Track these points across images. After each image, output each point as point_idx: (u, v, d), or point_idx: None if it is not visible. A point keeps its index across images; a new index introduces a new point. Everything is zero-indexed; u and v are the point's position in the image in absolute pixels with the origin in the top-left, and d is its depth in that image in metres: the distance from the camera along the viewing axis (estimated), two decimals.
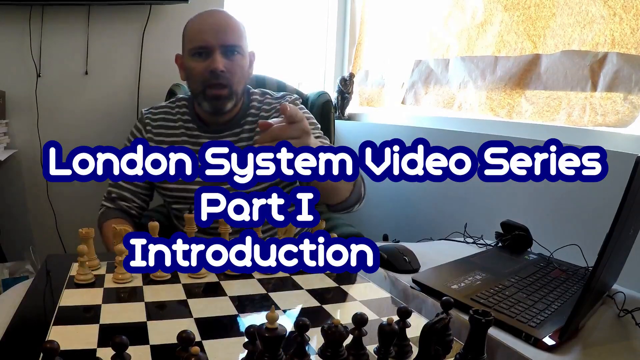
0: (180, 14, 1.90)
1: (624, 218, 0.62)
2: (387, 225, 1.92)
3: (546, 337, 0.64)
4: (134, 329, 0.58)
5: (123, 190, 1.17)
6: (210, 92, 1.10)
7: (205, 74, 1.08)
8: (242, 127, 1.18)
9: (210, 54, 1.08)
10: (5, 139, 1.80)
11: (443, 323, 0.48)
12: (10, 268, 1.73)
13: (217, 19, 1.11)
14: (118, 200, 1.16)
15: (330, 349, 0.47)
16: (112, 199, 1.17)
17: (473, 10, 1.61)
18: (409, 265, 0.93)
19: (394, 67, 2.05)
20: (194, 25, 1.12)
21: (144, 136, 1.18)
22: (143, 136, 1.18)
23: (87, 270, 0.72)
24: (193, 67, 1.11)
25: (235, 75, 1.11)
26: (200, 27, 1.10)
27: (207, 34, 1.08)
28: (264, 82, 1.77)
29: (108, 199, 1.18)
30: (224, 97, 1.11)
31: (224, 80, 1.09)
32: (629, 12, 1.15)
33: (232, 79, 1.10)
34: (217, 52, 1.07)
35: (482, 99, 1.56)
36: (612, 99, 1.20)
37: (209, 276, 0.77)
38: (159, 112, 1.21)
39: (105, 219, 1.13)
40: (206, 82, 1.09)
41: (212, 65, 1.07)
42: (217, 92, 1.09)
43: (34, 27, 1.80)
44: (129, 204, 1.17)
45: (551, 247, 1.02)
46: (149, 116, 1.20)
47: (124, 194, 1.17)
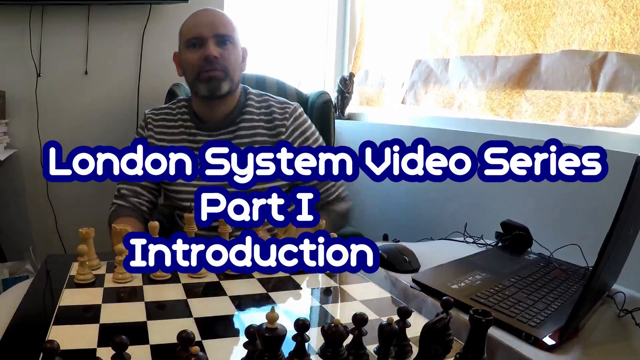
0: (180, 14, 1.89)
1: (624, 218, 0.62)
2: (387, 225, 1.92)
3: (546, 337, 0.64)
4: (134, 328, 0.58)
5: (133, 185, 1.18)
6: (204, 75, 1.12)
7: (200, 62, 1.12)
8: (237, 125, 1.19)
9: (204, 44, 1.12)
10: (5, 139, 1.80)
11: (443, 323, 0.48)
12: (10, 268, 1.73)
13: (209, 13, 1.16)
14: (129, 197, 1.18)
15: (330, 349, 0.47)
16: (123, 195, 1.18)
17: (473, 10, 1.61)
18: (409, 265, 0.93)
19: (394, 67, 2.05)
20: (188, 21, 1.17)
21: (146, 134, 1.22)
22: (145, 134, 1.22)
23: (87, 270, 0.72)
24: (188, 57, 1.14)
25: (229, 61, 1.14)
26: (194, 21, 1.15)
27: (200, 27, 1.12)
28: (264, 82, 1.77)
29: (119, 196, 1.19)
30: (218, 78, 1.13)
31: (218, 65, 1.12)
32: (629, 11, 1.15)
33: (226, 64, 1.13)
34: (210, 41, 1.11)
35: (482, 99, 1.56)
36: (612, 99, 1.19)
37: (209, 276, 0.77)
38: (160, 113, 1.25)
39: (116, 217, 1.14)
40: (201, 68, 1.12)
41: (206, 52, 1.10)
42: (212, 73, 1.12)
43: (34, 27, 1.80)
44: (140, 199, 1.18)
45: (551, 247, 1.02)
46: (151, 116, 1.24)
47: (135, 189, 1.18)
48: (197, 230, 0.88)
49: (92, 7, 1.85)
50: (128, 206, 1.17)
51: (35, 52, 1.83)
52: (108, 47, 1.92)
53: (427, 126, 1.81)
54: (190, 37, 1.13)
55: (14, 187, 1.92)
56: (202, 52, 1.11)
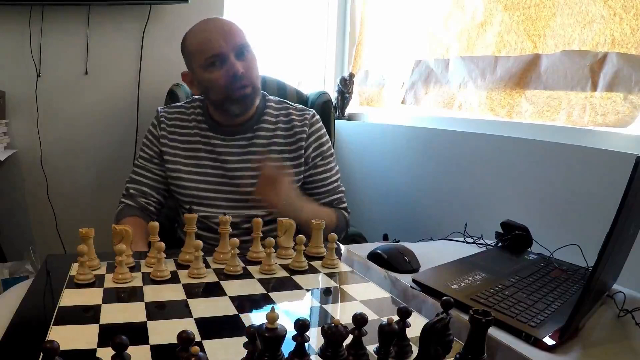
0: (180, 14, 1.90)
1: (624, 218, 0.62)
2: (387, 225, 1.92)
3: (546, 337, 0.64)
4: (134, 329, 0.58)
5: (142, 185, 1.18)
6: (236, 94, 1.10)
7: (227, 80, 1.08)
8: (254, 132, 1.18)
9: (225, 60, 1.08)
10: (5, 139, 1.80)
11: (443, 323, 0.48)
12: (10, 268, 1.73)
13: (219, 25, 1.10)
14: (137, 197, 1.17)
15: (330, 349, 0.47)
16: (131, 195, 1.17)
17: (473, 10, 1.61)
18: (409, 265, 0.93)
19: (394, 67, 2.05)
20: (197, 37, 1.11)
21: (159, 133, 1.19)
22: (158, 133, 1.20)
23: (87, 270, 0.72)
24: (211, 78, 1.10)
25: (253, 73, 1.12)
26: (207, 36, 1.08)
27: (217, 42, 1.07)
28: (264, 82, 1.77)
29: (127, 195, 1.18)
30: (250, 95, 1.12)
31: (246, 80, 1.10)
32: (629, 12, 1.15)
33: (251, 77, 1.11)
34: (232, 56, 1.08)
35: (482, 99, 1.56)
36: (612, 99, 1.19)
37: (209, 276, 0.77)
38: (174, 112, 1.22)
39: (122, 216, 1.13)
40: (229, 87, 1.09)
41: (232, 70, 1.07)
42: (243, 92, 1.10)
43: (34, 27, 1.80)
44: (147, 199, 1.18)
45: (551, 247, 1.03)
46: (165, 115, 1.21)
47: (143, 189, 1.18)
48: (197, 230, 0.88)
49: (92, 7, 1.85)
50: (135, 206, 1.16)
51: (35, 52, 1.83)
52: (108, 47, 1.92)
53: (427, 126, 1.81)
54: (209, 56, 1.08)
55: (14, 187, 1.92)
56: (225, 70, 1.07)
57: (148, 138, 1.22)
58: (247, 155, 1.17)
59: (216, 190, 1.17)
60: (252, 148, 1.17)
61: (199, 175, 1.17)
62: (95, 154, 1.98)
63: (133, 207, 1.16)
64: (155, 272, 0.75)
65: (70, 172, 1.96)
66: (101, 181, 1.98)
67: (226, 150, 1.17)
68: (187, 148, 1.18)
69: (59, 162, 1.93)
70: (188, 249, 0.82)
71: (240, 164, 1.17)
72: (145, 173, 1.19)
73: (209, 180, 1.17)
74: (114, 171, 1.94)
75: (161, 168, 1.19)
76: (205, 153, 1.18)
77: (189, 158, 1.18)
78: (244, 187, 1.15)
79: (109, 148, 1.96)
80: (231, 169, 1.17)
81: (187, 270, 0.78)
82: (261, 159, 1.09)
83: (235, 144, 1.17)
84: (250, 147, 1.17)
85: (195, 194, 1.17)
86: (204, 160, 1.18)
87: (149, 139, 1.21)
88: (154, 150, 1.20)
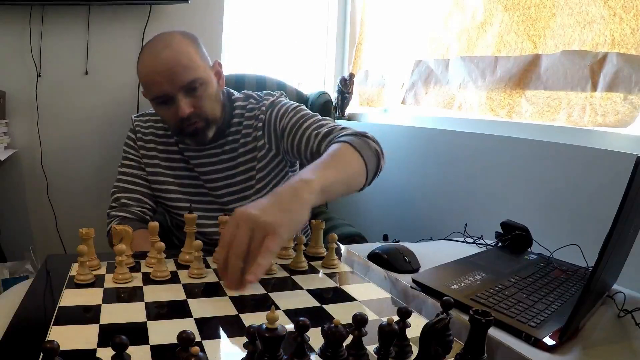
0: (180, 14, 1.90)
1: (624, 218, 0.62)
2: (387, 225, 1.92)
3: (546, 337, 0.64)
4: (134, 329, 0.57)
5: (135, 193, 1.15)
6: (187, 130, 1.08)
7: (176, 121, 1.07)
8: (226, 137, 1.17)
9: (173, 100, 1.04)
10: (5, 139, 1.80)
11: (443, 323, 0.48)
12: (10, 268, 1.73)
13: (164, 59, 1.02)
14: (132, 207, 1.14)
15: (330, 349, 0.47)
16: (125, 205, 1.14)
17: (473, 10, 1.61)
18: (409, 265, 0.93)
19: (394, 67, 2.05)
20: (144, 71, 1.05)
21: (137, 144, 1.18)
22: (135, 143, 1.19)
23: (87, 270, 0.72)
24: (162, 115, 1.10)
25: (205, 107, 1.08)
26: (152, 77, 1.03)
27: (161, 84, 1.02)
28: (264, 82, 1.77)
29: (119, 207, 1.14)
30: (202, 129, 1.09)
31: (196, 118, 1.07)
32: (629, 12, 1.15)
33: (203, 112, 1.07)
34: (179, 97, 1.03)
35: (482, 99, 1.56)
36: (612, 99, 1.19)
37: (209, 276, 0.77)
38: (149, 120, 1.21)
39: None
40: (180, 125, 1.07)
41: (179, 113, 1.04)
42: (194, 127, 1.08)
43: (34, 27, 1.80)
44: (143, 207, 1.15)
45: (551, 247, 1.02)
46: (139, 124, 1.20)
47: (137, 197, 1.15)
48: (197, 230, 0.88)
49: (92, 7, 1.85)
50: (133, 218, 1.12)
51: (35, 52, 1.83)
52: (108, 47, 1.92)
53: (427, 126, 1.81)
54: (155, 97, 1.05)
55: (14, 187, 1.92)
56: (174, 111, 1.04)
57: (129, 145, 1.19)
58: (222, 164, 1.16)
59: (197, 201, 1.16)
60: (223, 156, 1.16)
61: (179, 186, 1.17)
62: (95, 153, 1.98)
63: (132, 219, 1.12)
64: (155, 272, 0.75)
65: (71, 172, 1.96)
66: (101, 181, 1.97)
67: (201, 162, 1.16)
68: (166, 158, 1.17)
69: (59, 162, 1.93)
70: (188, 249, 0.82)
71: (217, 174, 1.16)
72: (135, 180, 1.17)
73: (190, 192, 1.17)
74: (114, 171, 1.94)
75: (147, 175, 1.17)
76: (182, 163, 1.17)
77: (168, 169, 1.17)
78: (223, 197, 1.16)
79: (109, 148, 1.96)
80: (209, 180, 1.16)
81: (187, 270, 0.78)
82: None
83: (208, 152, 1.16)
84: (222, 154, 1.16)
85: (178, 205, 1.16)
86: (182, 171, 1.17)
87: (130, 146, 1.19)
88: (137, 157, 1.18)
